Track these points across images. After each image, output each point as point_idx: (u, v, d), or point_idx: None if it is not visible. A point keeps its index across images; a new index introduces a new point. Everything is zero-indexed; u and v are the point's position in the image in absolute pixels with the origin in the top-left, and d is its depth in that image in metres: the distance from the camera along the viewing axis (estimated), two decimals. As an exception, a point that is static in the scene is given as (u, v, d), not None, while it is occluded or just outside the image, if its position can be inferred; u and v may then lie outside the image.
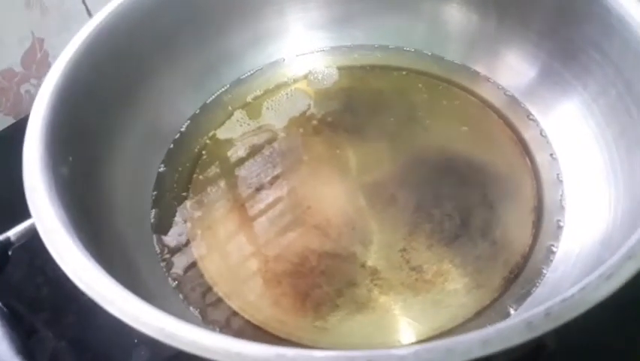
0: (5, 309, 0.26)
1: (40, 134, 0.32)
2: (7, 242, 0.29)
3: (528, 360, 0.36)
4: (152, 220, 0.39)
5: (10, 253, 0.28)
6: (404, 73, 0.48)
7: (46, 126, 0.32)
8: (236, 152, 0.44)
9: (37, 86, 0.60)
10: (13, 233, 0.29)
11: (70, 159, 0.33)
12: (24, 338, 0.24)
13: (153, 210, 0.40)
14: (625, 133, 0.35)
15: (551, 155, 0.41)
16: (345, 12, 0.49)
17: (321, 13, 0.49)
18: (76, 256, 0.26)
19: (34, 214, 0.28)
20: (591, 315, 0.22)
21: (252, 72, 0.49)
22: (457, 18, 0.46)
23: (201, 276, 0.37)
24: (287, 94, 0.48)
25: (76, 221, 0.29)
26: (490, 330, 0.22)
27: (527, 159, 0.41)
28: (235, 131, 0.45)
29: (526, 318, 0.22)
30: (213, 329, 0.34)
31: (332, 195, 0.41)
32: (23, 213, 0.29)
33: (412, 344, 0.33)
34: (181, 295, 0.36)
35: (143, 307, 0.24)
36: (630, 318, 0.36)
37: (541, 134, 0.42)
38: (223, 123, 0.46)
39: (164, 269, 0.37)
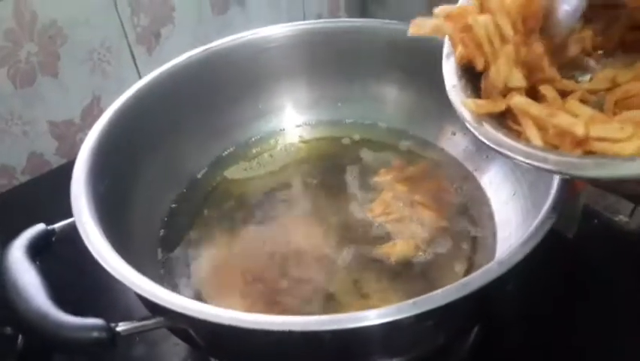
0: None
1: (86, 162, 0.43)
2: (53, 232, 0.39)
3: None
4: (160, 235, 0.50)
5: (53, 239, 0.39)
6: (369, 142, 0.61)
7: (91, 157, 0.44)
8: (235, 196, 0.55)
9: (90, 136, 0.73)
10: (57, 226, 0.40)
11: (107, 182, 0.44)
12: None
13: (162, 230, 0.51)
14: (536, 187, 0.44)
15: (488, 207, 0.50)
16: (320, 96, 0.63)
17: (308, 96, 0.63)
18: (102, 244, 0.36)
19: (75, 212, 0.38)
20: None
21: (258, 136, 0.62)
22: (400, 98, 0.60)
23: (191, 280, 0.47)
24: (281, 155, 0.61)
25: (104, 223, 0.39)
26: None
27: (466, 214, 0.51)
28: (236, 178, 0.58)
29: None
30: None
31: (308, 234, 0.50)
32: (63, 217, 0.40)
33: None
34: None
35: (158, 288, 0.33)
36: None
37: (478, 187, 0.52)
38: (226, 173, 0.58)
39: (163, 274, 0.46)
